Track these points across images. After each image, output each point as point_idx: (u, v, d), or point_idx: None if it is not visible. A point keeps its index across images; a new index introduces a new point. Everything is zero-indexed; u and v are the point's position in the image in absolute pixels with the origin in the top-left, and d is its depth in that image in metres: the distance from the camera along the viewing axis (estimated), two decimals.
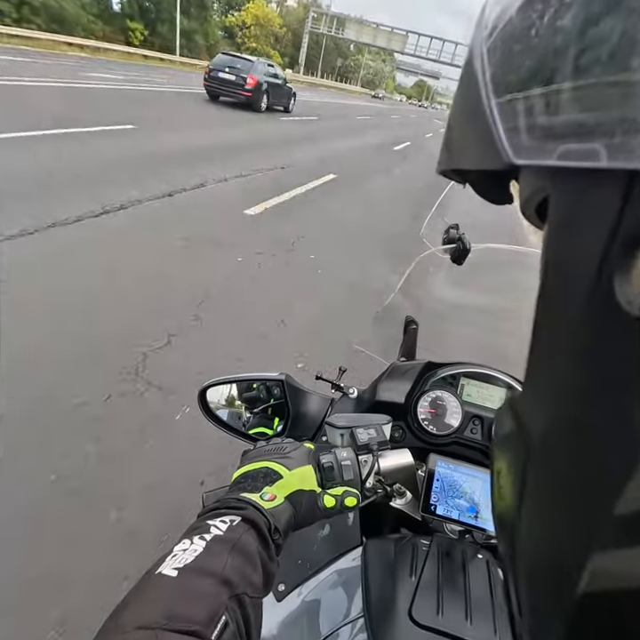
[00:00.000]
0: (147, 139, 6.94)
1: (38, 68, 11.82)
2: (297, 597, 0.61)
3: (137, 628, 0.29)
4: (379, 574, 0.56)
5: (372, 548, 0.61)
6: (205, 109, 11.57)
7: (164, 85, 14.58)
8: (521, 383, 0.75)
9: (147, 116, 8.31)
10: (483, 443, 0.73)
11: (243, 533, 0.40)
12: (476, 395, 0.78)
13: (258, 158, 7.14)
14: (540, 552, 0.18)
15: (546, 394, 0.18)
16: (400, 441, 0.76)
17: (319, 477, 0.53)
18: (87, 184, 4.48)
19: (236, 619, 0.34)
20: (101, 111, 7.90)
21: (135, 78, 14.60)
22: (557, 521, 0.17)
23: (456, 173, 0.25)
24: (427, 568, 0.55)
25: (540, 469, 0.18)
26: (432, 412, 0.74)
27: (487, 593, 0.53)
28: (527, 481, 0.19)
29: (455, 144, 0.24)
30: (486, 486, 0.60)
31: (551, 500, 0.17)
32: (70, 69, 13.33)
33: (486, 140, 0.18)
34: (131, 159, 5.69)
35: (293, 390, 0.80)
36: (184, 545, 0.37)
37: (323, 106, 22.17)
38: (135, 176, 5.07)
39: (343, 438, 0.61)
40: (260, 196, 5.29)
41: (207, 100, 12.78)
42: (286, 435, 0.80)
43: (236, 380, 0.83)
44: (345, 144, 11.01)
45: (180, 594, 0.33)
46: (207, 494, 0.53)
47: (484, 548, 0.60)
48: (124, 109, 8.59)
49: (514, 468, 0.20)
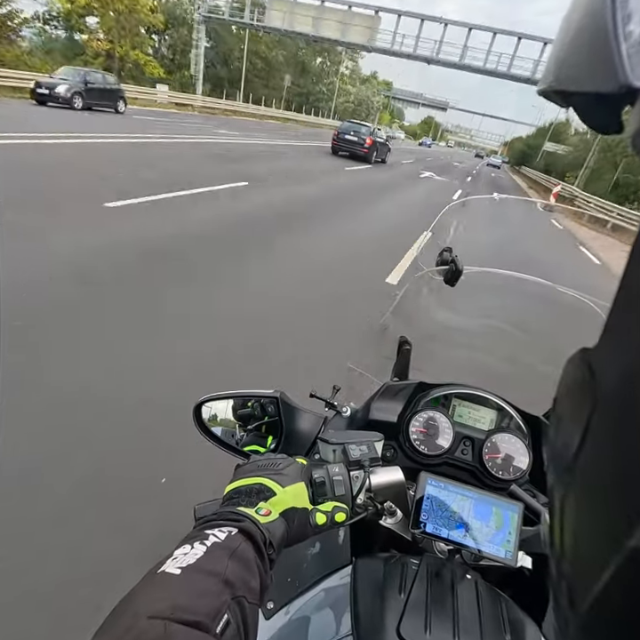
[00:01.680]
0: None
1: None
2: (285, 615, 0.60)
3: (148, 617, 0.30)
4: (368, 593, 0.56)
5: (361, 566, 0.61)
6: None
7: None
8: (511, 405, 0.77)
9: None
10: (472, 464, 0.74)
11: (241, 543, 0.40)
12: (467, 416, 0.79)
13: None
14: (594, 501, 0.17)
15: (627, 344, 0.17)
16: (391, 460, 0.77)
17: (311, 493, 0.54)
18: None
19: (236, 619, 0.34)
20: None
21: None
22: (617, 474, 0.16)
23: (560, 95, 0.22)
24: (415, 587, 0.55)
25: (607, 422, 0.17)
26: (424, 432, 0.75)
27: (475, 613, 0.53)
28: (590, 432, 0.18)
29: (564, 59, 0.21)
30: (476, 505, 0.61)
31: (614, 453, 0.17)
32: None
33: (603, 58, 0.16)
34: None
35: (287, 408, 0.81)
36: (184, 549, 0.38)
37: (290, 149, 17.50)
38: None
39: (335, 454, 0.62)
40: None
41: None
42: (279, 452, 0.80)
43: (230, 396, 0.84)
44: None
45: (185, 589, 0.33)
46: (199, 506, 0.53)
47: (473, 569, 0.60)
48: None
49: (578, 417, 0.19)
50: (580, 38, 0.19)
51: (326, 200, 8.05)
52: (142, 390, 2.26)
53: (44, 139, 7.77)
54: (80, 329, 2.66)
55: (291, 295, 3.77)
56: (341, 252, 5.20)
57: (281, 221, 5.97)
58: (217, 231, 4.99)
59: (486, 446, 0.73)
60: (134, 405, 2.14)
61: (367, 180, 12.51)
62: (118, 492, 1.69)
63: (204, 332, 2.92)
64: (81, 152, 7.67)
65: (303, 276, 4.21)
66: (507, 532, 0.59)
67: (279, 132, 22.84)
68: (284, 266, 4.40)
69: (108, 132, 10.14)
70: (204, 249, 4.34)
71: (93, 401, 2.11)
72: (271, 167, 10.30)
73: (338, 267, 4.64)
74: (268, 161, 11.38)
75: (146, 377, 2.37)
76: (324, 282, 4.20)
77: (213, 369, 2.53)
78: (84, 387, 2.19)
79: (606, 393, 0.18)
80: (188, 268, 3.84)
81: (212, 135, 14.38)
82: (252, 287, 3.74)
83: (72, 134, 8.74)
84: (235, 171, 8.53)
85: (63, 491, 1.65)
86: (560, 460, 0.20)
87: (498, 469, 0.71)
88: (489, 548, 0.58)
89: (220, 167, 8.82)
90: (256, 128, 22.44)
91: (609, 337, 0.19)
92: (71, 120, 11.65)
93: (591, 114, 0.21)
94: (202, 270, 3.86)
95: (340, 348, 2.99)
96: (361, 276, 4.55)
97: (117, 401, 2.15)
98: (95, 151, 8.05)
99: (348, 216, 7.16)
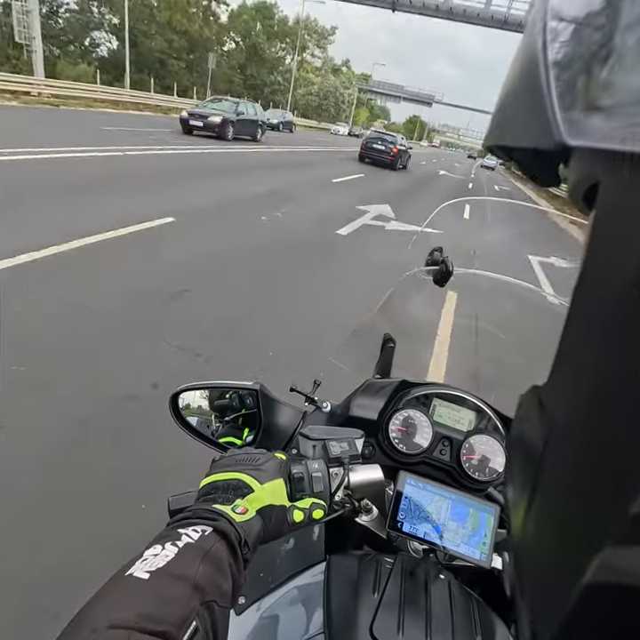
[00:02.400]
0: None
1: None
2: (256, 612, 0.59)
3: (109, 627, 0.28)
4: (341, 591, 0.56)
5: (335, 564, 0.60)
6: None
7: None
8: (490, 407, 0.77)
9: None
10: (450, 464, 0.74)
11: (215, 543, 0.39)
12: (446, 416, 0.79)
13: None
14: (551, 537, 0.18)
15: (574, 379, 0.18)
16: (370, 458, 0.76)
17: (289, 489, 0.53)
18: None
19: (205, 625, 0.33)
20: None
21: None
22: (571, 507, 0.17)
23: (502, 150, 0.24)
24: (389, 586, 0.55)
25: (560, 454, 0.18)
26: (403, 431, 0.75)
27: (447, 613, 0.53)
28: (545, 465, 0.19)
29: (505, 118, 0.23)
30: (453, 506, 0.61)
31: (568, 486, 0.17)
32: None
33: (540, 116, 0.17)
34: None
35: (267, 400, 0.79)
36: (155, 550, 0.36)
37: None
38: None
39: (315, 450, 0.61)
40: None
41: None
42: (256, 445, 0.79)
43: (209, 386, 0.82)
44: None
45: (152, 596, 0.32)
46: (173, 498, 0.51)
47: (446, 569, 0.60)
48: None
49: (532, 452, 0.20)
50: (518, 99, 0.21)
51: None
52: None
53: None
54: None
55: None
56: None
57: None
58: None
59: (464, 447, 0.73)
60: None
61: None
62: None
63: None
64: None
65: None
66: (482, 533, 0.59)
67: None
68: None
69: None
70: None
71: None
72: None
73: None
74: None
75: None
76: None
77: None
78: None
79: (556, 426, 0.19)
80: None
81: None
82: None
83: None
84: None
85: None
86: (519, 499, 0.22)
87: (475, 470, 0.72)
88: (464, 549, 0.58)
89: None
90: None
91: (558, 371, 0.21)
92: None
93: (531, 168, 0.23)
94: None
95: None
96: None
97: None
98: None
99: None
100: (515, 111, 0.22)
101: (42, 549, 1.53)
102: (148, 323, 3.06)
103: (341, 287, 4.46)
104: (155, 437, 2.01)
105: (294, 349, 3.10)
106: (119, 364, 2.57)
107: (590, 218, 0.18)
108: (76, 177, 6.53)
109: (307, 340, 3.26)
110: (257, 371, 2.70)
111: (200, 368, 2.67)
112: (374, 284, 3.68)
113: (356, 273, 4.95)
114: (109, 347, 2.71)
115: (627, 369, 0.15)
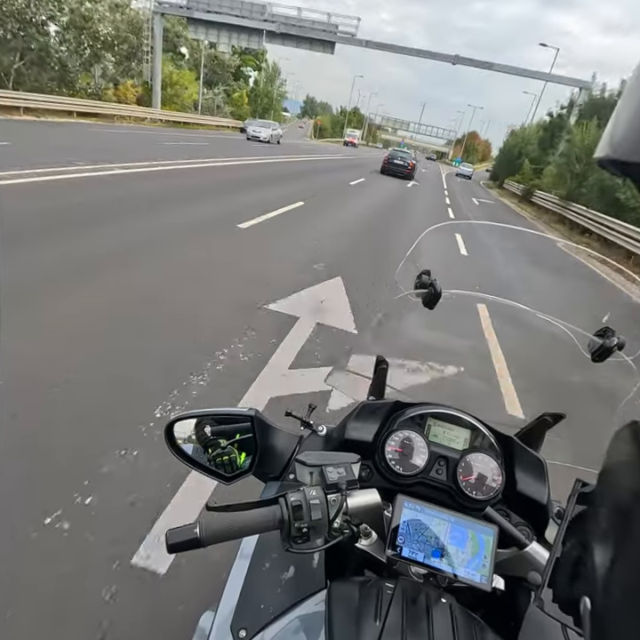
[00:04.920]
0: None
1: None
2: None
3: None
4: (342, 619, 0.55)
5: (336, 591, 0.60)
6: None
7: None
8: (484, 425, 0.78)
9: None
10: (447, 484, 0.75)
11: None
12: (442, 435, 0.79)
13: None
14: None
15: None
16: (367, 480, 0.76)
17: (287, 517, 0.53)
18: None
19: None
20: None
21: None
22: None
23: (617, 164, 0.22)
24: (391, 612, 0.54)
25: None
26: (399, 452, 0.76)
27: (450, 637, 0.53)
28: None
29: (626, 131, 0.21)
30: (452, 529, 0.61)
31: None
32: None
33: None
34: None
35: (262, 426, 0.79)
36: None
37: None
38: None
39: (312, 476, 0.61)
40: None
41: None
42: (254, 471, 0.79)
43: (204, 414, 0.82)
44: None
45: None
46: (171, 532, 0.51)
47: (447, 592, 0.60)
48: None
49: (628, 490, 0.18)
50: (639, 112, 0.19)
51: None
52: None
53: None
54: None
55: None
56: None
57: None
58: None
59: (460, 466, 0.74)
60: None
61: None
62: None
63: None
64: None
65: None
66: (482, 556, 0.59)
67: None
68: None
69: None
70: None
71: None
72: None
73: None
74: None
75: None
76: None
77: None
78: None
79: None
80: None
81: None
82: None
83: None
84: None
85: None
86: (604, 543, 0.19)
87: (472, 489, 0.72)
88: (465, 572, 0.58)
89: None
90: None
91: None
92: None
93: None
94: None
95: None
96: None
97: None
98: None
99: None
100: (636, 124, 0.20)
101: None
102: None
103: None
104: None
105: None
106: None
107: None
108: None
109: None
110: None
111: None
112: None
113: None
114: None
115: None
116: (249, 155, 17.07)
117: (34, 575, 1.51)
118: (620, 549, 0.18)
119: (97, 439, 2.10)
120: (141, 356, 2.84)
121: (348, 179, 16.17)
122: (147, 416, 2.30)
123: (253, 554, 0.69)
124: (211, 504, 0.56)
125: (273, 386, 2.78)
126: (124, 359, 2.78)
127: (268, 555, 0.69)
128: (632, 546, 0.17)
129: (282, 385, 2.81)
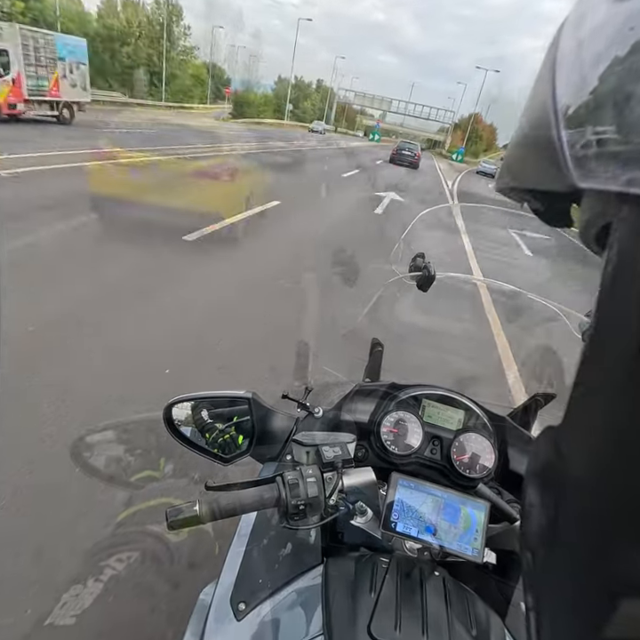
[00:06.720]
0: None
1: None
2: (257, 617, 0.61)
3: None
4: (339, 592, 0.57)
5: (332, 566, 0.61)
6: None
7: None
8: (478, 405, 0.80)
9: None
10: (441, 463, 0.76)
11: None
12: (436, 416, 0.81)
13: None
14: (566, 586, 0.18)
15: (587, 428, 0.18)
16: (363, 460, 0.78)
17: (284, 495, 0.54)
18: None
19: None
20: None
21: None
22: (587, 554, 0.16)
23: (515, 192, 0.25)
24: (386, 585, 0.56)
25: (578, 499, 0.18)
26: (394, 432, 0.77)
27: (443, 609, 0.54)
28: (561, 510, 0.19)
29: (517, 163, 0.24)
30: (445, 505, 0.63)
31: (585, 530, 0.17)
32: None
33: (551, 161, 0.18)
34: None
35: (259, 408, 0.80)
36: None
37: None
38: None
39: (309, 456, 0.62)
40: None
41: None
42: (251, 452, 0.80)
43: (202, 397, 0.83)
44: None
45: None
46: (171, 509, 0.52)
47: (440, 565, 0.62)
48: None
49: (548, 498, 0.20)
50: (530, 144, 0.22)
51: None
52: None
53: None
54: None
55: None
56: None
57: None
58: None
59: (454, 445, 0.75)
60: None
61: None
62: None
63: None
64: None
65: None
66: (474, 530, 0.61)
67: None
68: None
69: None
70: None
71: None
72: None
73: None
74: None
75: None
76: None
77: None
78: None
79: (573, 472, 0.18)
80: None
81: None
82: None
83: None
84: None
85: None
86: (534, 550, 0.21)
87: (465, 468, 0.74)
88: (457, 546, 0.60)
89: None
90: None
91: (572, 418, 0.20)
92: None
93: (543, 209, 0.24)
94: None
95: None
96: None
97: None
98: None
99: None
100: (528, 157, 0.22)
101: None
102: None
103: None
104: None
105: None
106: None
107: (603, 258, 0.18)
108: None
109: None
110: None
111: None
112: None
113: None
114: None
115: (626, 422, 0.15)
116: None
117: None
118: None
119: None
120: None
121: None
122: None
123: (252, 531, 0.71)
124: (210, 484, 0.57)
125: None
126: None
127: (265, 532, 0.70)
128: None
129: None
